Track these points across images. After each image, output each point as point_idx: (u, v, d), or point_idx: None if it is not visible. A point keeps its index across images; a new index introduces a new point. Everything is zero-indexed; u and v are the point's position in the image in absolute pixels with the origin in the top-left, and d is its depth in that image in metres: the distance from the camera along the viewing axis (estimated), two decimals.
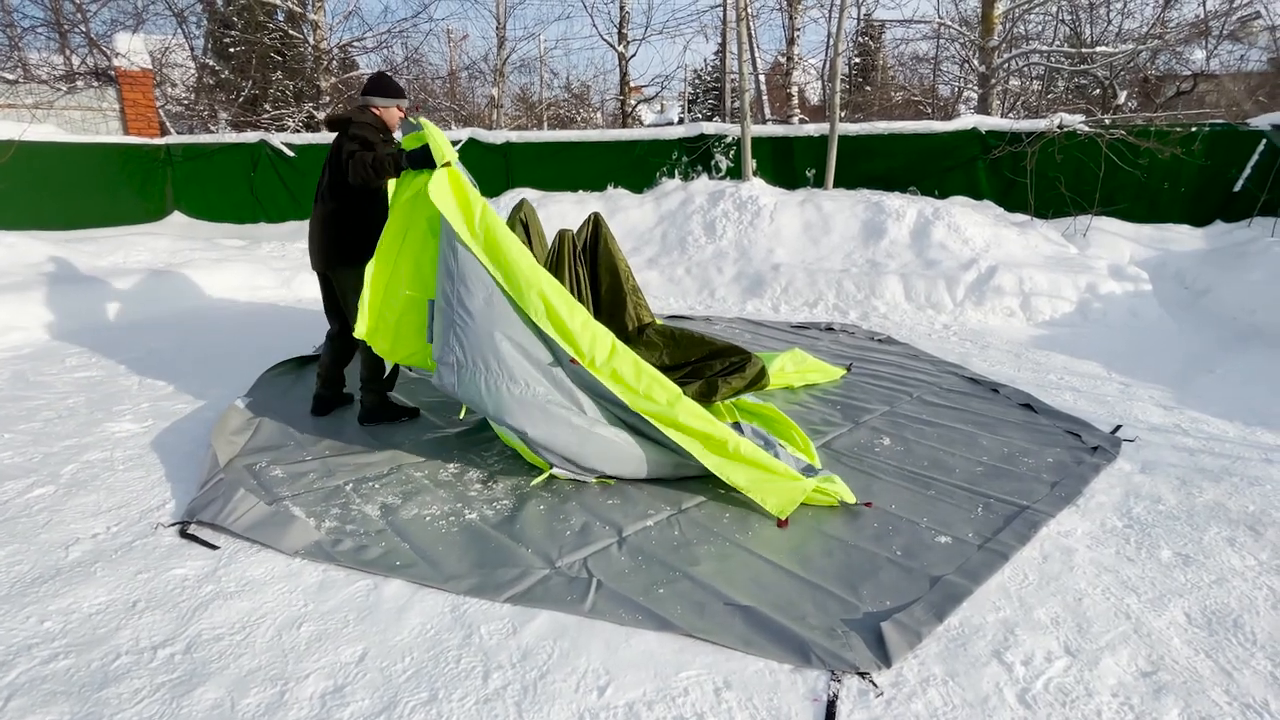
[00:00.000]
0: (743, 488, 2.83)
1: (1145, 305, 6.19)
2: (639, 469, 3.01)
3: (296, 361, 4.75)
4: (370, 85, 3.46)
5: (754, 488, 2.81)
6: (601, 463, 2.96)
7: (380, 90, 3.43)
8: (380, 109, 3.43)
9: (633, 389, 2.89)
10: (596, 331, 2.91)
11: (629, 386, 2.89)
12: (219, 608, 2.23)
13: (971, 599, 2.27)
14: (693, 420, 2.85)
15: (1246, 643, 2.08)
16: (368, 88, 3.46)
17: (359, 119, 3.36)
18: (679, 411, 2.85)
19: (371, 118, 3.39)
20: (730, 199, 8.54)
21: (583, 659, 2.01)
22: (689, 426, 2.85)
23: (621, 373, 2.89)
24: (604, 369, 2.89)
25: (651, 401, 2.87)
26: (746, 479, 2.83)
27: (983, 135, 8.73)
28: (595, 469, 2.98)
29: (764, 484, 2.81)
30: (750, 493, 2.82)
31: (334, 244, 3.46)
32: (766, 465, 2.85)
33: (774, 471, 2.84)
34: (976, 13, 11.58)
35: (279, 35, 12.93)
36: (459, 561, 2.45)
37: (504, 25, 14.01)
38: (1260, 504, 2.93)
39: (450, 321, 2.89)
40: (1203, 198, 8.28)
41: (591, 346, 2.88)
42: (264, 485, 3.00)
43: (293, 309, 6.77)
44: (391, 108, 3.46)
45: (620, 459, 2.97)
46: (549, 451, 2.92)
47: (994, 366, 4.95)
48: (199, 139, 10.83)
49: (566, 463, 2.96)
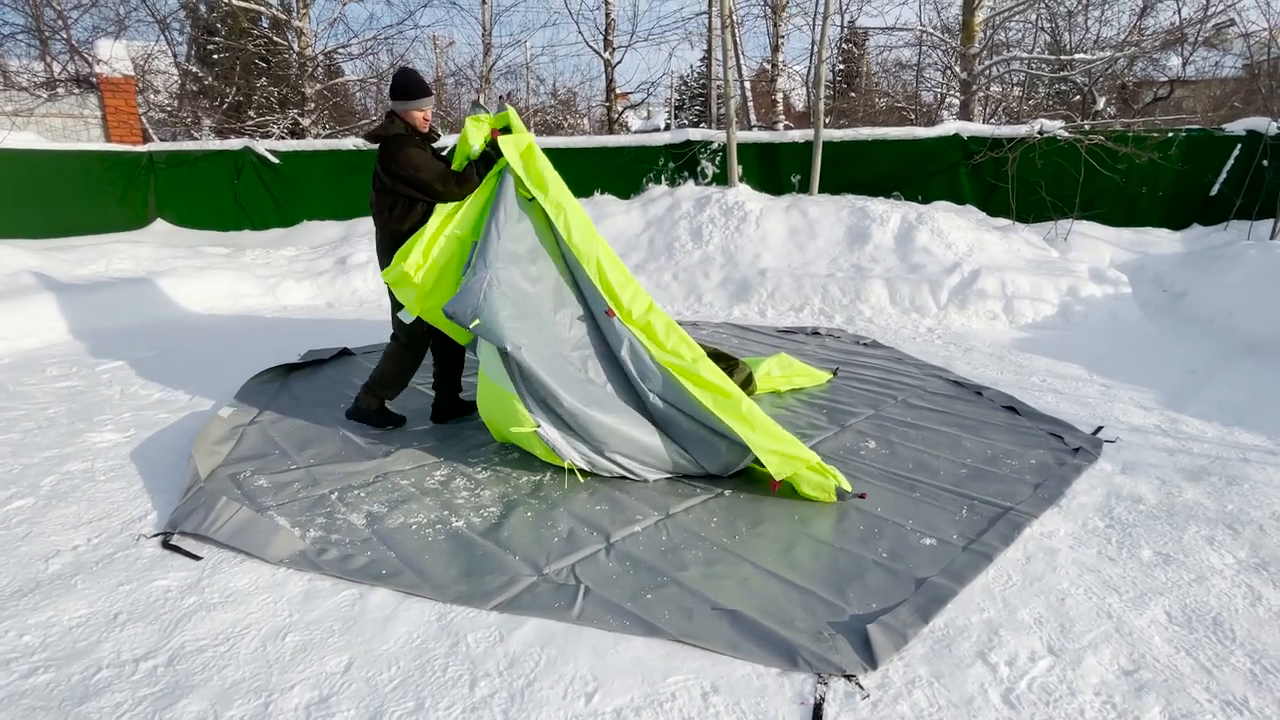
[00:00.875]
0: (750, 442, 2.91)
1: (1125, 308, 6.28)
2: (626, 445, 3.02)
3: (281, 370, 4.71)
4: (393, 88, 3.36)
5: (760, 446, 2.90)
6: (593, 425, 2.95)
7: (403, 91, 3.35)
8: (406, 111, 3.36)
9: (660, 344, 3.11)
10: (637, 290, 3.19)
11: (659, 342, 3.11)
12: (202, 619, 2.21)
13: (956, 600, 2.29)
14: (712, 377, 3.03)
15: (1226, 640, 2.11)
16: (391, 92, 3.36)
17: (389, 135, 3.31)
18: (701, 368, 3.04)
19: (402, 128, 3.34)
20: (717, 205, 8.58)
21: (570, 666, 2.00)
22: (707, 381, 3.01)
23: (655, 326, 3.12)
24: (640, 321, 3.13)
25: (677, 356, 3.08)
26: (756, 437, 2.92)
27: (965, 141, 8.84)
28: (587, 432, 2.96)
29: (770, 445, 2.90)
30: (756, 449, 2.90)
31: (384, 256, 3.47)
32: (775, 432, 2.95)
33: (780, 438, 2.93)
34: (958, 20, 11.72)
35: (263, 42, 12.87)
36: (445, 570, 2.44)
37: (490, 32, 14.02)
38: (1238, 503, 2.97)
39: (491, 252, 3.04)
40: (1180, 202, 8.43)
41: (631, 302, 3.15)
42: (248, 495, 2.98)
43: (277, 317, 6.72)
44: (416, 108, 3.36)
45: (614, 428, 2.99)
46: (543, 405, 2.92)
47: (978, 369, 5.00)
48: (182, 146, 10.74)
49: (559, 423, 2.96)
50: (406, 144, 3.30)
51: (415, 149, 3.30)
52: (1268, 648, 2.07)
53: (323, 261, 8.41)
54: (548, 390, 2.90)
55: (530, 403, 2.94)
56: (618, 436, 3.01)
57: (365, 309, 7.16)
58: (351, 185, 10.37)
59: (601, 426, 2.98)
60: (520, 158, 3.23)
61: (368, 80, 14.94)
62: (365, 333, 6.04)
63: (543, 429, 2.95)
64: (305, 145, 10.57)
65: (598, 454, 3.05)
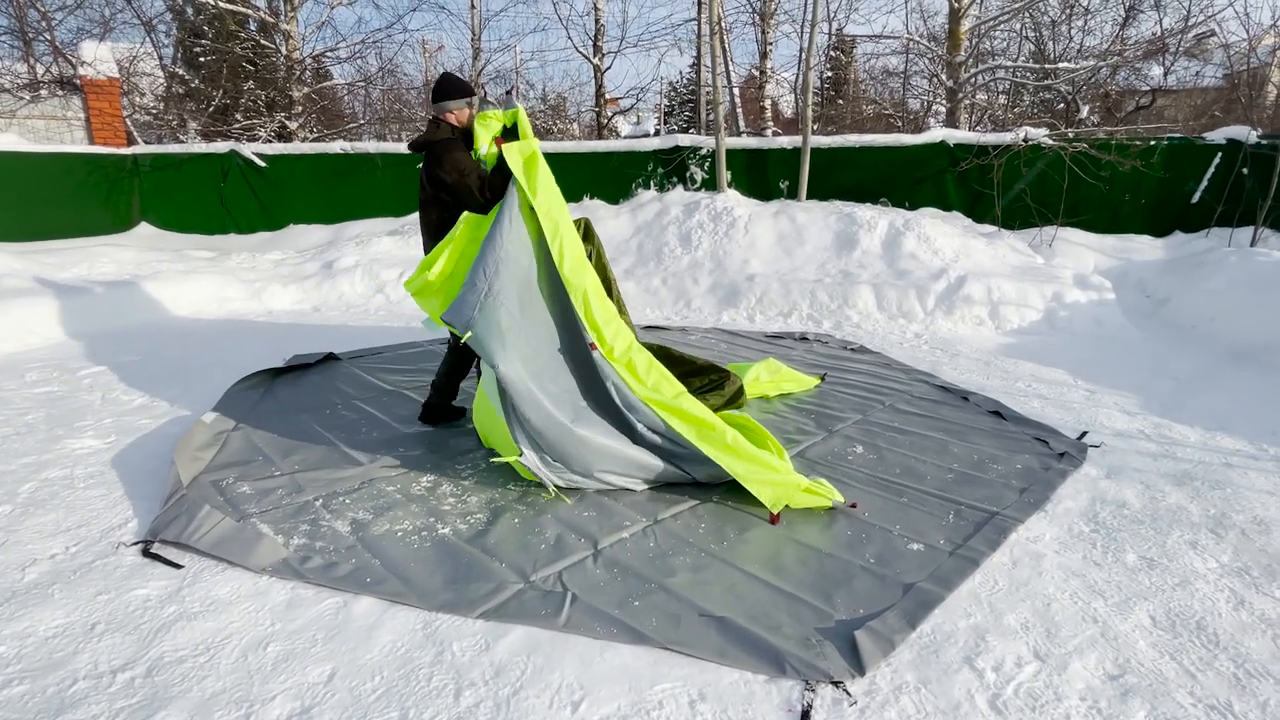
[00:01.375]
0: (740, 476, 2.90)
1: (1109, 314, 6.34)
2: (617, 464, 3.01)
3: (265, 375, 4.67)
4: (436, 91, 3.40)
5: (750, 477, 2.89)
6: (583, 444, 2.93)
7: (445, 94, 3.38)
8: (453, 114, 3.38)
9: (641, 380, 3.12)
10: (620, 328, 3.18)
11: (640, 379, 3.12)
12: (182, 629, 2.18)
13: (943, 605, 2.29)
14: (695, 410, 3.05)
15: (1209, 644, 2.12)
16: (434, 94, 3.41)
17: (435, 140, 3.32)
18: (683, 403, 3.06)
19: (448, 131, 3.37)
20: (705, 210, 8.60)
21: (556, 674, 1.99)
22: (691, 415, 3.03)
23: (636, 364, 3.14)
24: (621, 359, 3.13)
25: (658, 393, 3.10)
26: (744, 469, 2.91)
27: (951, 148, 8.91)
28: (578, 450, 2.94)
29: (759, 475, 2.90)
30: (747, 482, 2.89)
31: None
32: (763, 460, 2.94)
33: (769, 466, 2.92)
34: (944, 29, 11.84)
35: (250, 45, 12.79)
36: (431, 577, 2.42)
37: (479, 37, 14.02)
38: (1221, 507, 3.00)
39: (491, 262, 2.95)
40: (1162, 209, 8.53)
41: (614, 338, 3.14)
42: (230, 502, 2.94)
43: (262, 322, 6.66)
44: (463, 108, 3.40)
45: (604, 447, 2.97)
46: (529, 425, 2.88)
47: (964, 374, 5.02)
48: (167, 149, 10.66)
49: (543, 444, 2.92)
50: (453, 147, 3.30)
51: (461, 153, 3.29)
52: (1251, 652, 2.09)
53: (309, 266, 8.35)
54: (536, 405, 2.87)
55: (516, 428, 2.90)
56: (608, 456, 3.00)
57: (352, 314, 7.11)
58: (338, 189, 10.33)
59: (589, 445, 2.96)
60: (524, 166, 3.12)
61: (355, 84, 14.89)
62: (351, 338, 6.00)
63: (525, 456, 2.92)
64: (292, 149, 10.51)
65: (585, 475, 3.03)
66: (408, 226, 9.50)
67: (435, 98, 3.41)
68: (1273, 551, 2.64)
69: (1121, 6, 11.51)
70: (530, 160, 3.13)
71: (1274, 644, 2.12)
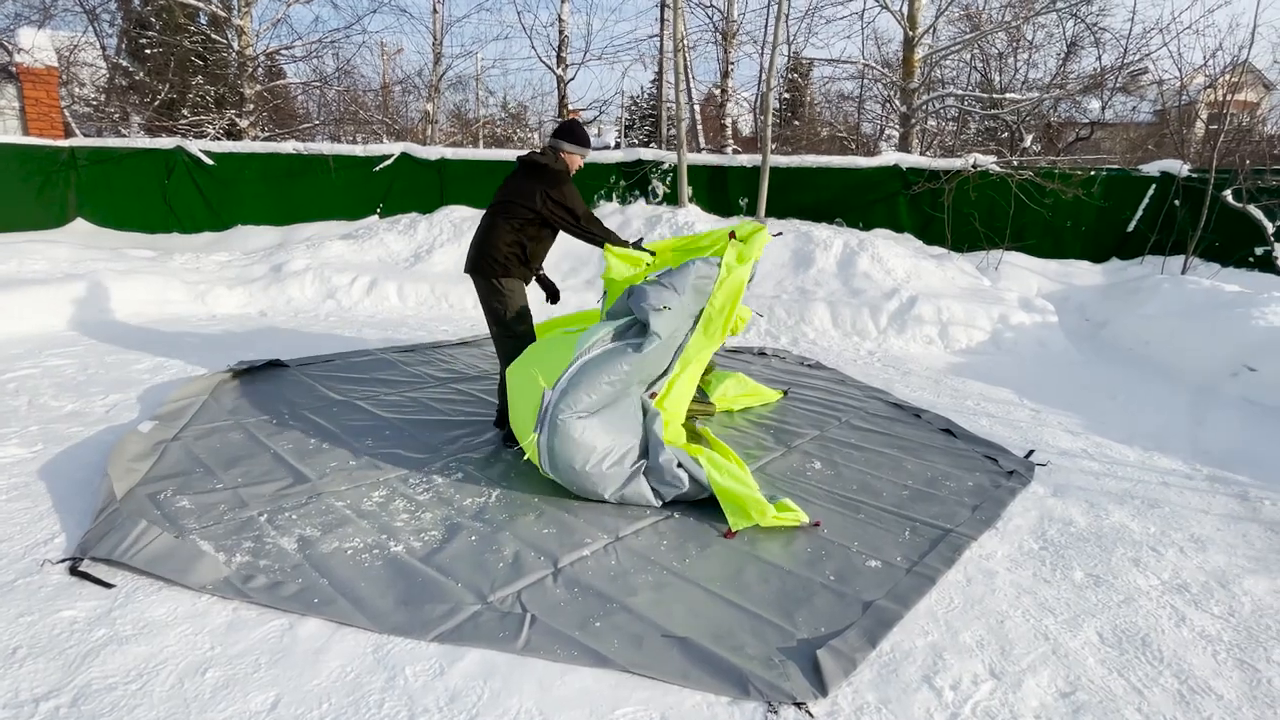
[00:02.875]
0: (719, 489, 3.00)
1: (1052, 336, 6.59)
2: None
3: (207, 381, 4.47)
4: (564, 131, 3.71)
5: (726, 497, 2.97)
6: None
7: (572, 138, 3.69)
8: (568, 154, 3.70)
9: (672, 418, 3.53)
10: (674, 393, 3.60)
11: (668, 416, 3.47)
12: (112, 653, 2.04)
13: (902, 623, 2.31)
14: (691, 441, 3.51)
15: (1154, 661, 2.19)
16: (561, 133, 3.71)
17: (556, 167, 3.62)
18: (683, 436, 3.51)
19: (563, 165, 3.66)
20: (667, 224, 8.65)
21: (514, 699, 1.92)
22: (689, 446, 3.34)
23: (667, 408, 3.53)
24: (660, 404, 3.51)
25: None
26: (726, 486, 3.00)
27: (904, 172, 9.17)
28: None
29: (735, 497, 2.96)
30: (723, 498, 2.98)
31: (487, 255, 3.63)
32: (744, 489, 2.99)
33: (746, 497, 2.95)
34: (898, 56, 12.22)
35: (200, 39, 12.37)
36: (382, 598, 2.33)
37: (440, 42, 13.86)
38: (1160, 525, 3.12)
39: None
40: (1101, 237, 8.94)
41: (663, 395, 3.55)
42: (168, 517, 2.79)
43: (206, 326, 6.40)
44: (578, 155, 3.74)
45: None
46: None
47: (915, 392, 5.14)
48: (107, 142, 10.19)
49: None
50: (568, 180, 3.66)
51: (573, 187, 3.66)
52: (1193, 668, 2.16)
53: (257, 268, 8.07)
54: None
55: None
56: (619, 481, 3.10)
57: (301, 319, 6.89)
58: (290, 190, 10.03)
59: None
60: (737, 260, 3.55)
61: (311, 84, 14.54)
62: (300, 344, 5.80)
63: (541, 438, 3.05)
64: (242, 147, 10.18)
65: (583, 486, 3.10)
66: (361, 230, 9.28)
67: (564, 136, 3.69)
68: (1209, 569, 2.76)
69: (1064, 42, 12.08)
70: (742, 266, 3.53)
71: (1214, 660, 2.20)
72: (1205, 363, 5.66)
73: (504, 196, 3.67)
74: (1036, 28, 12.25)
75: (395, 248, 8.82)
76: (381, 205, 10.07)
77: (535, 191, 3.57)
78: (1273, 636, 2.34)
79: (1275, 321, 5.59)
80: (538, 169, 3.62)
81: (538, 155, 3.65)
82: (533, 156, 3.66)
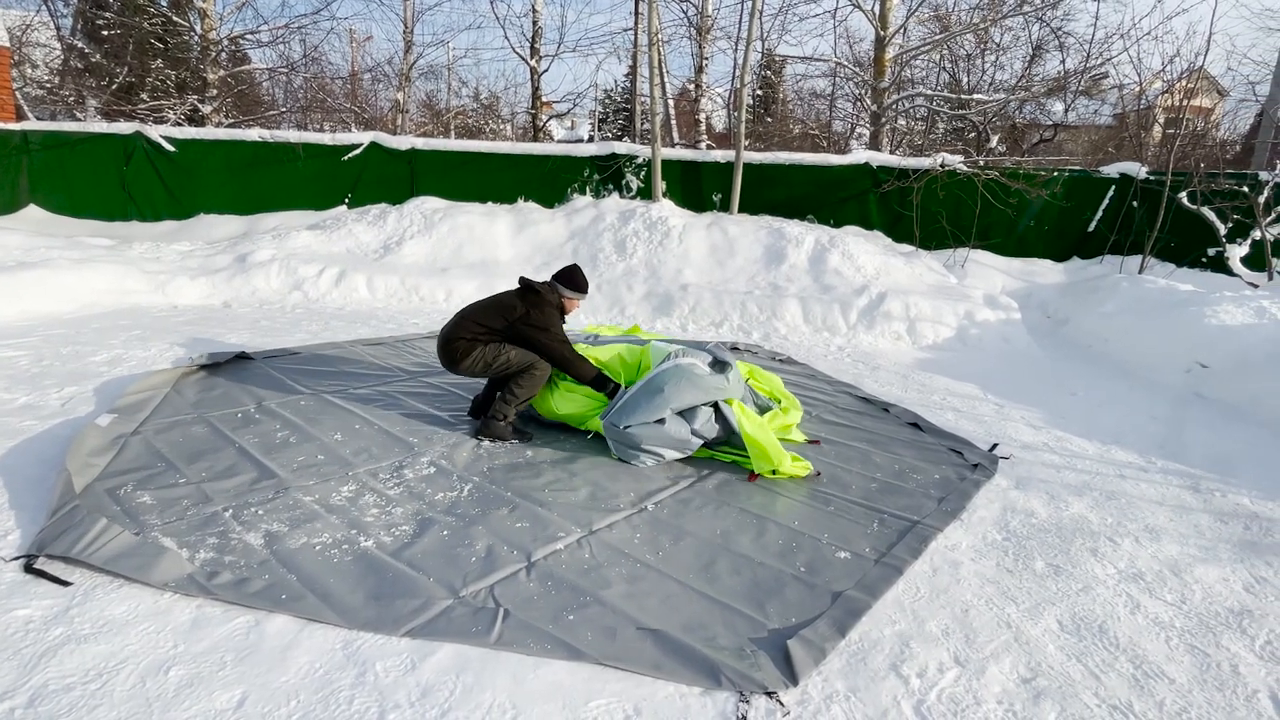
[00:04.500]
0: (747, 437, 3.40)
1: (1015, 332, 6.74)
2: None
3: (169, 374, 4.35)
4: (565, 276, 3.87)
5: (753, 444, 3.38)
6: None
7: (571, 284, 3.86)
8: (566, 298, 3.87)
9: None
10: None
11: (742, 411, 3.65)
12: (70, 653, 1.98)
13: (871, 613, 2.35)
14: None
15: (1111, 647, 2.27)
16: (562, 276, 3.87)
17: (548, 297, 3.79)
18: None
19: (556, 300, 3.82)
20: (641, 219, 8.65)
21: (487, 694, 1.92)
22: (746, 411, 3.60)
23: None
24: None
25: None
26: (753, 434, 3.40)
27: (874, 170, 9.29)
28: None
29: (759, 445, 3.36)
30: (750, 444, 3.38)
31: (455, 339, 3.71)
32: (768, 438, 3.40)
33: (769, 445, 3.37)
34: (869, 55, 12.35)
35: (161, 21, 12.00)
36: (352, 593, 2.30)
37: (411, 30, 13.64)
38: (1116, 516, 3.22)
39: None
40: (1063, 236, 9.17)
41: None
42: (128, 513, 2.72)
43: (167, 316, 6.23)
44: (575, 300, 3.91)
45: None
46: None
47: (884, 387, 5.22)
48: (62, 126, 9.85)
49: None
50: (554, 309, 3.80)
51: (559, 319, 3.82)
52: (1147, 653, 2.24)
53: (220, 258, 7.88)
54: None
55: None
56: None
57: (266, 310, 6.74)
58: (255, 178, 9.81)
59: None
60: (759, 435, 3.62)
61: (277, 70, 14.21)
62: (265, 336, 5.69)
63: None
64: (205, 134, 9.91)
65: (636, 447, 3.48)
66: (329, 220, 9.12)
67: (564, 280, 3.85)
68: (1163, 558, 2.86)
69: (1029, 45, 12.33)
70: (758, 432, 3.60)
71: (1167, 645, 2.29)
72: (1160, 359, 5.85)
73: (486, 301, 3.84)
74: (1004, 30, 12.50)
75: (364, 239, 8.68)
76: (350, 195, 9.90)
77: (518, 305, 3.73)
78: (1222, 623, 2.43)
79: (1226, 320, 5.80)
80: (534, 291, 3.79)
81: (537, 283, 3.83)
82: (532, 283, 3.83)
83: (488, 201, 9.62)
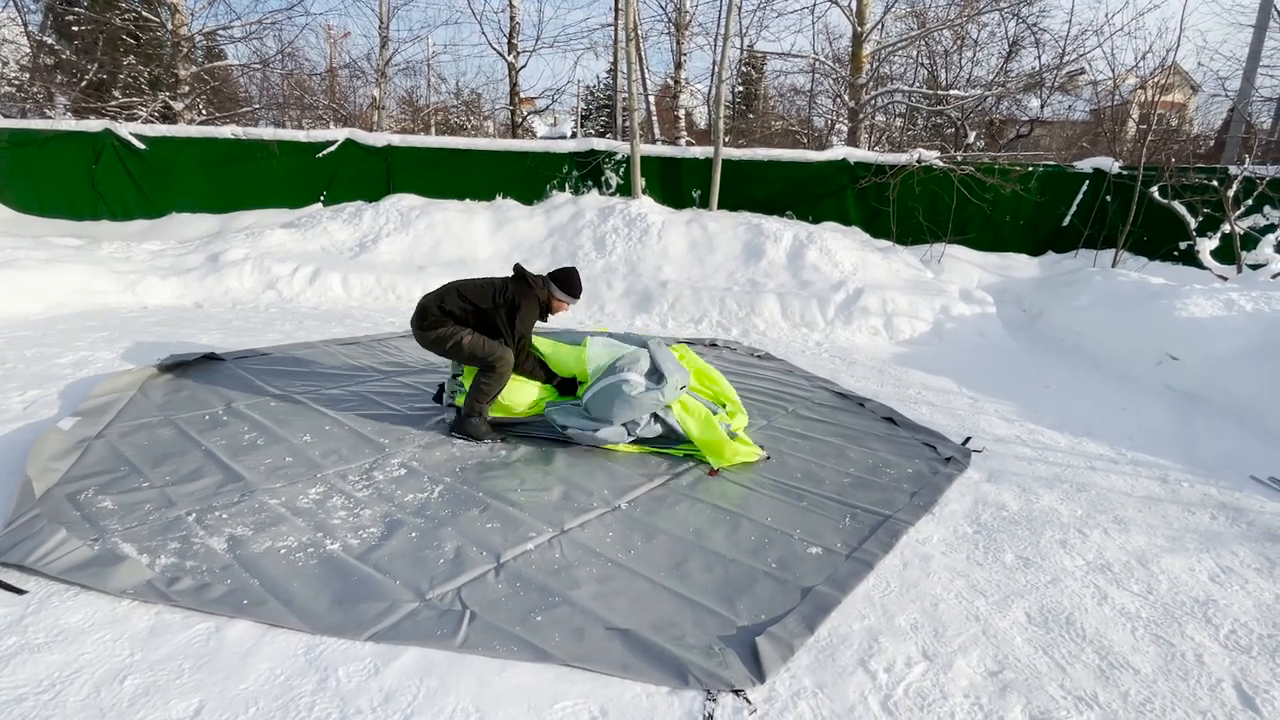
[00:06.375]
0: (695, 438, 3.54)
1: (990, 326, 6.80)
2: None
3: (135, 375, 4.27)
4: (560, 277, 3.89)
5: (701, 444, 3.52)
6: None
7: (566, 286, 3.88)
8: (556, 299, 3.88)
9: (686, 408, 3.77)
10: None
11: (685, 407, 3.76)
12: (23, 663, 1.93)
13: (840, 608, 2.36)
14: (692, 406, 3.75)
15: (1077, 638, 2.28)
16: (557, 277, 3.89)
17: (537, 291, 3.81)
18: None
19: (545, 296, 3.86)
20: (620, 215, 8.62)
21: (451, 697, 1.89)
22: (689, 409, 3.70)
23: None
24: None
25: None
26: (700, 434, 3.53)
27: (852, 166, 9.32)
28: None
29: (710, 444, 3.50)
30: (700, 445, 3.52)
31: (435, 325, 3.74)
32: (717, 437, 3.50)
33: (719, 441, 3.49)
34: (847, 52, 12.40)
35: (132, 16, 11.76)
36: (316, 598, 2.26)
37: (387, 25, 13.49)
38: (1086, 508, 3.25)
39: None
40: (1037, 231, 9.25)
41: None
42: (88, 518, 2.65)
43: (136, 316, 6.11)
44: (565, 304, 3.92)
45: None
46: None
47: (860, 382, 5.24)
48: (30, 124, 9.64)
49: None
50: (536, 304, 3.81)
51: (537, 313, 3.84)
52: (1113, 644, 2.26)
53: (192, 257, 7.75)
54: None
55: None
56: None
57: (238, 310, 6.64)
58: (228, 177, 9.66)
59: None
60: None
61: (251, 66, 13.99)
62: (237, 337, 5.60)
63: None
64: (177, 131, 9.74)
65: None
66: (304, 219, 9.00)
67: (559, 281, 3.87)
68: (1131, 549, 2.88)
69: (1006, 41, 12.43)
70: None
71: (1133, 636, 2.31)
72: (1132, 352, 5.92)
73: (480, 279, 3.90)
74: (980, 27, 12.59)
75: (340, 237, 8.58)
76: (325, 193, 9.77)
77: (508, 288, 3.79)
78: (1187, 612, 2.46)
79: (1197, 313, 5.88)
80: (525, 282, 3.82)
81: (530, 275, 3.86)
82: (526, 273, 3.85)
83: (466, 199, 9.54)
